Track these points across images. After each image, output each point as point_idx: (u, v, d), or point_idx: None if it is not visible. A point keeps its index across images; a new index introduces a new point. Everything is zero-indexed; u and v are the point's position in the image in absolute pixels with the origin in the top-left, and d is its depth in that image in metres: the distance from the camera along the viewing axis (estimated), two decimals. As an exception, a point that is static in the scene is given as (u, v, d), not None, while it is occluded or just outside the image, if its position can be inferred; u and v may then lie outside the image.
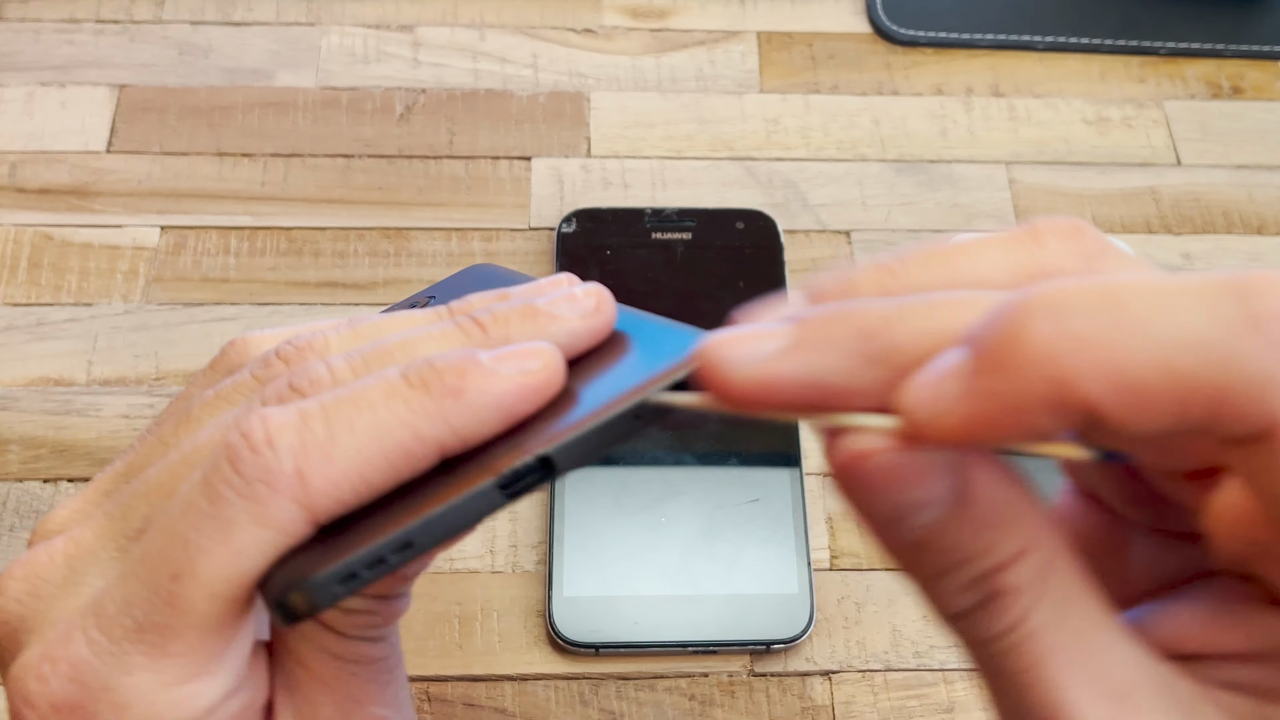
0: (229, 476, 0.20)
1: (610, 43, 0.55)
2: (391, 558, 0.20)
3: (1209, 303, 0.15)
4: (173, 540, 0.21)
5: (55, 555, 0.23)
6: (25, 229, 0.49)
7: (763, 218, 0.50)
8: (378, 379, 0.22)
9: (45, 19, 0.55)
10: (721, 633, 0.41)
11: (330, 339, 0.24)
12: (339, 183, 0.51)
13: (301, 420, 0.21)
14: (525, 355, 0.22)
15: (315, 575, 0.20)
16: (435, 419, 0.21)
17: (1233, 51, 0.56)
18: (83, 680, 0.21)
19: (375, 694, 0.24)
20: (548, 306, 0.24)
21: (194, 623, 0.21)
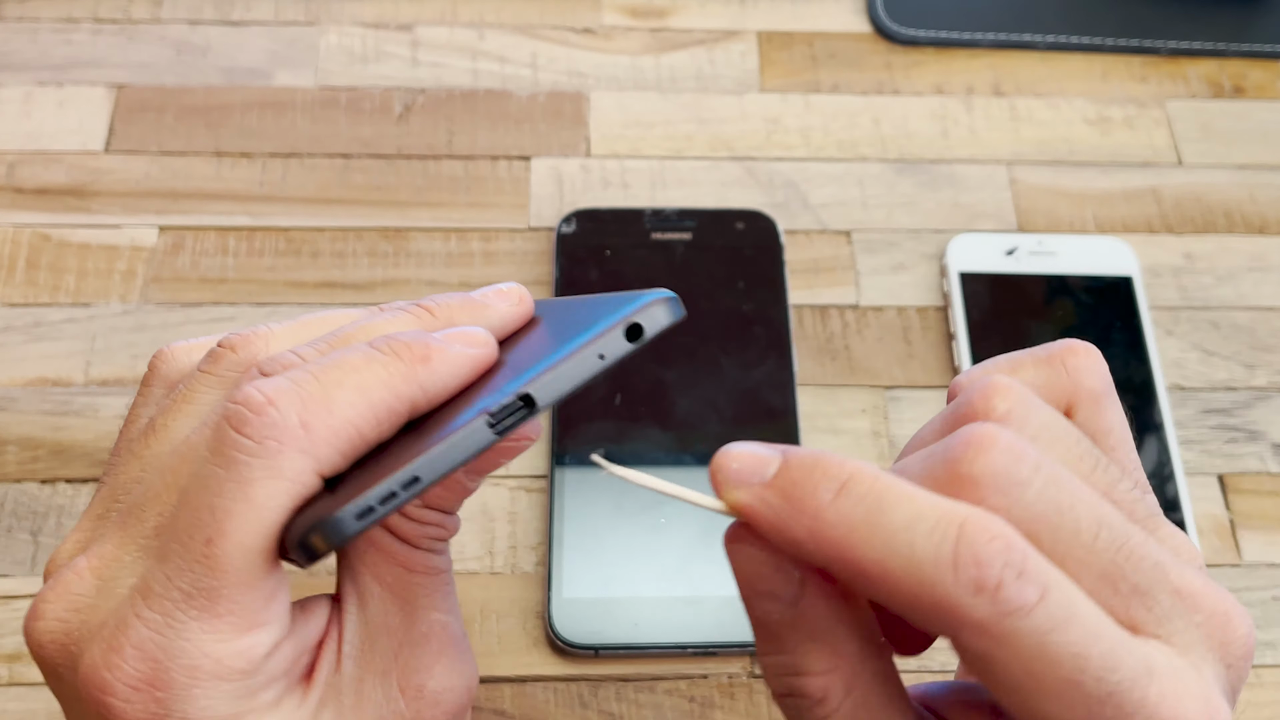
0: (238, 440, 0.23)
1: (610, 42, 0.55)
2: (401, 492, 0.23)
3: (935, 537, 0.20)
4: (199, 511, 0.23)
5: (82, 572, 0.25)
6: (23, 229, 0.49)
7: (763, 218, 0.49)
8: (352, 350, 0.25)
9: (43, 18, 0.55)
10: (721, 634, 0.40)
11: (274, 330, 0.27)
12: (337, 183, 0.51)
13: (294, 383, 0.23)
14: (470, 335, 0.26)
15: (335, 513, 0.22)
16: (410, 380, 0.24)
17: (1234, 51, 0.56)
18: (151, 656, 0.23)
19: (437, 601, 0.27)
20: (479, 298, 0.28)
21: (234, 579, 0.23)
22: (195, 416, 0.26)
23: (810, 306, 0.48)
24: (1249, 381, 0.47)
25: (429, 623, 0.27)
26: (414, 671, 0.27)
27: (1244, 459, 0.46)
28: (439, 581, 0.28)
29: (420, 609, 0.27)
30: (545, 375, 0.24)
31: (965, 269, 0.48)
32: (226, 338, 0.27)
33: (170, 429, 0.26)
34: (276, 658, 0.24)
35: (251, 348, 0.27)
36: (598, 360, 0.25)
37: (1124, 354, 0.47)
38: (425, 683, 0.27)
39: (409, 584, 0.27)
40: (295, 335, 0.27)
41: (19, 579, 0.42)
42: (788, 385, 0.46)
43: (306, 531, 0.22)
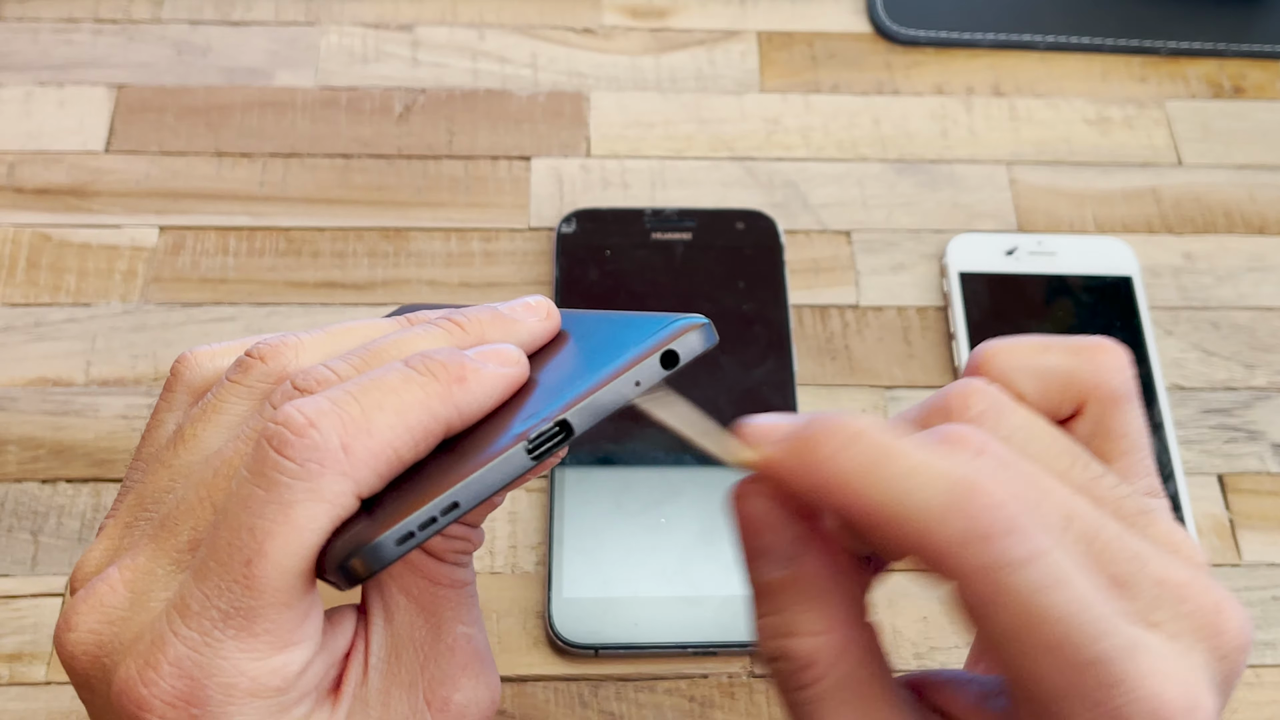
0: (279, 462, 0.23)
1: (610, 42, 0.55)
2: (441, 518, 0.23)
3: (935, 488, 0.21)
4: (238, 532, 0.23)
5: (115, 584, 0.25)
6: (23, 229, 0.49)
7: (763, 218, 0.49)
8: (389, 369, 0.25)
9: (43, 18, 0.55)
10: (721, 634, 0.41)
11: (303, 339, 0.27)
12: (338, 183, 0.51)
13: (334, 404, 0.23)
14: (503, 353, 0.26)
15: (376, 539, 0.22)
16: (446, 401, 0.24)
17: (1234, 51, 0.56)
18: (188, 674, 0.23)
19: (462, 614, 0.28)
20: (509, 313, 0.28)
21: (272, 600, 0.23)
22: (225, 427, 0.26)
23: (810, 306, 0.48)
24: (1249, 381, 0.47)
25: (454, 636, 0.27)
26: (440, 684, 0.27)
27: (1244, 459, 0.46)
28: (464, 594, 0.28)
29: (446, 622, 0.27)
30: (582, 401, 0.24)
31: (965, 269, 0.48)
32: (256, 346, 0.27)
33: (200, 439, 0.26)
34: (309, 673, 0.24)
35: (281, 359, 0.27)
36: (634, 387, 0.25)
37: (1124, 354, 0.47)
38: (451, 695, 0.27)
39: (435, 597, 0.27)
40: (325, 347, 0.27)
41: (19, 579, 0.42)
42: (788, 385, 0.46)
43: (347, 556, 0.23)
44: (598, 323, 0.28)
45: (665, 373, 0.25)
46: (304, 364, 0.27)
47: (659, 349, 0.25)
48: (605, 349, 0.26)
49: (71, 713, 0.39)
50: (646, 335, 0.25)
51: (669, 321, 0.26)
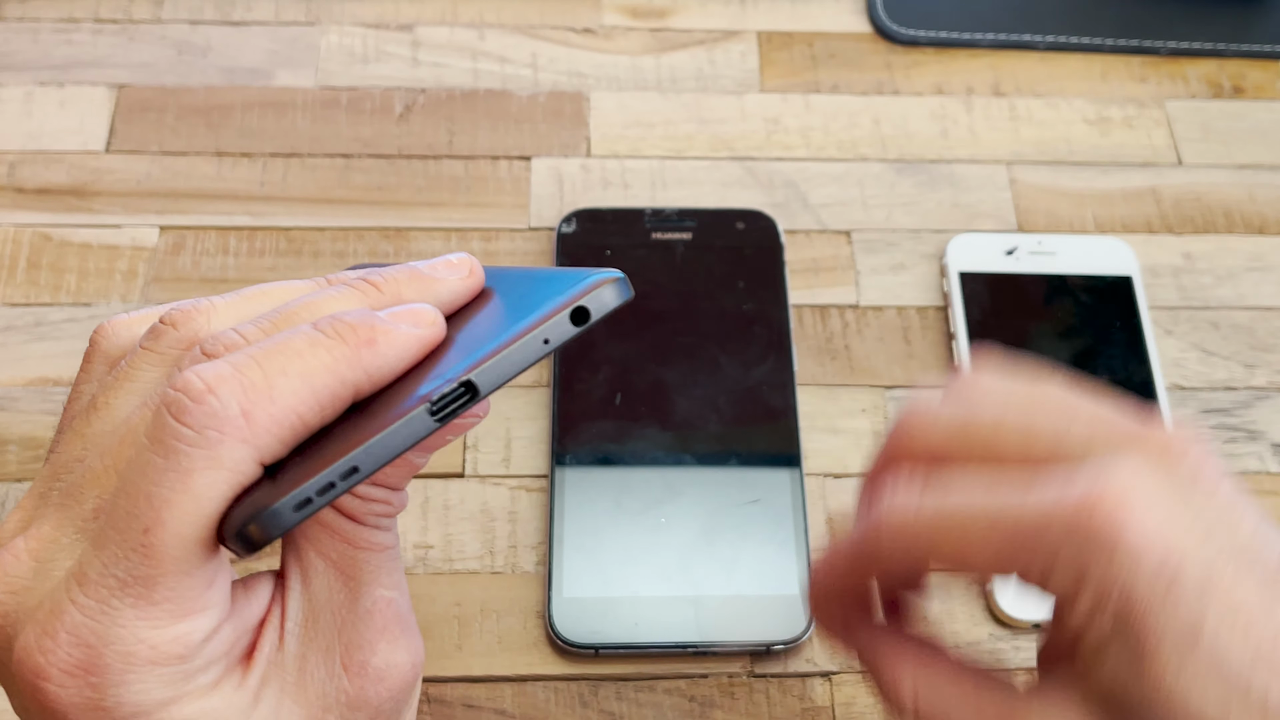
0: (177, 429, 0.22)
1: (610, 42, 0.55)
2: (340, 483, 0.23)
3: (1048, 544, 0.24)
4: (136, 499, 0.23)
5: (19, 553, 0.24)
6: (24, 229, 0.49)
7: (763, 218, 0.49)
8: (295, 333, 0.24)
9: (44, 18, 0.55)
10: (721, 634, 0.41)
11: (216, 304, 0.27)
12: (338, 182, 0.51)
13: (235, 369, 0.23)
14: (417, 313, 0.26)
15: (273, 505, 0.22)
16: (354, 364, 0.24)
17: (1234, 51, 0.56)
18: (85, 642, 0.23)
19: (382, 577, 0.27)
20: (429, 271, 0.27)
21: (171, 568, 0.23)
22: (137, 394, 0.26)
23: (810, 306, 0.48)
24: (1248, 381, 0.47)
25: (373, 599, 0.27)
26: (357, 648, 0.26)
27: (1244, 459, 0.46)
28: (385, 558, 0.27)
29: (365, 585, 0.27)
30: (488, 362, 0.24)
31: (965, 269, 0.48)
32: (168, 313, 0.26)
33: (112, 407, 0.26)
34: (215, 641, 0.24)
35: (193, 324, 0.26)
36: (542, 345, 0.24)
37: (1123, 354, 0.47)
38: (369, 659, 0.26)
39: (354, 560, 0.27)
40: (237, 310, 0.27)
41: (20, 578, 0.42)
42: (788, 385, 0.46)
43: (244, 522, 0.22)
44: (521, 279, 0.28)
45: (576, 330, 0.24)
46: (215, 328, 0.26)
47: (569, 305, 0.24)
48: (520, 306, 0.25)
49: (72, 712, 0.39)
50: (559, 291, 0.25)
51: (582, 277, 0.25)
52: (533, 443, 0.45)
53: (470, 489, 0.44)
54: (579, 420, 0.44)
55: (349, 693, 0.26)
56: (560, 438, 0.44)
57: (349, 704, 0.26)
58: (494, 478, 0.44)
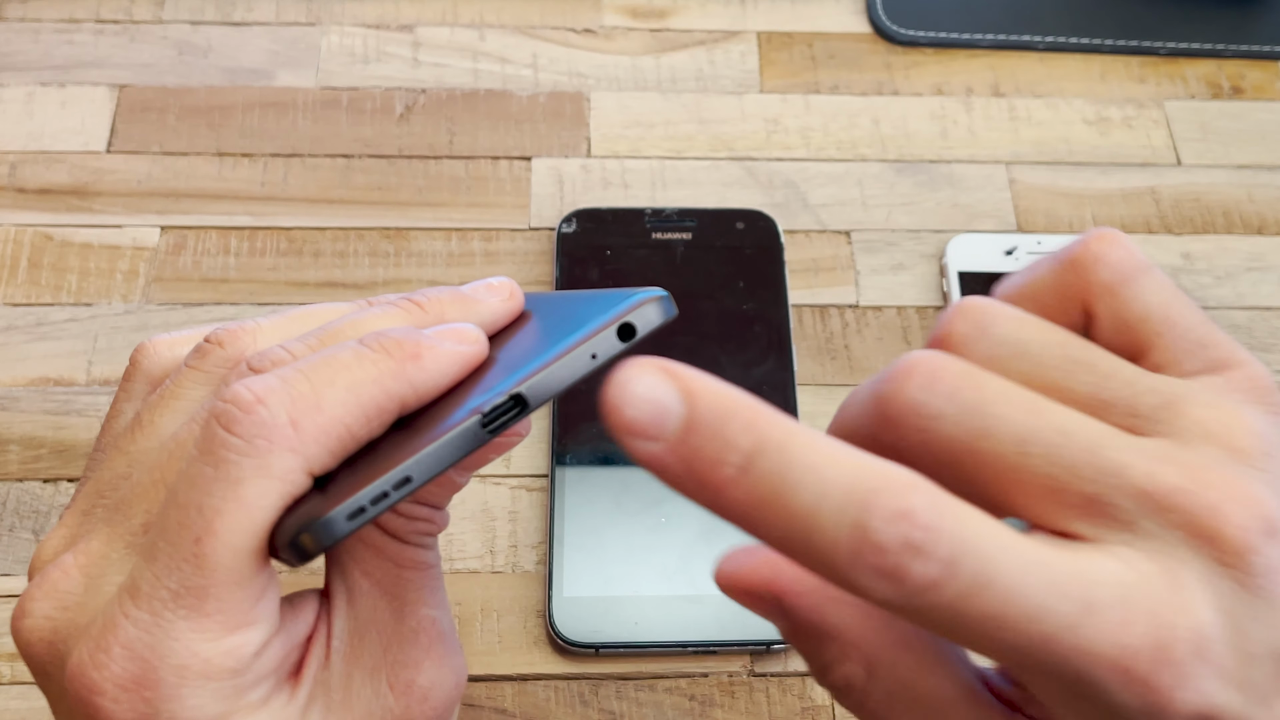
0: (227, 440, 0.22)
1: (610, 43, 0.55)
2: (393, 492, 0.23)
3: (837, 520, 0.19)
4: (188, 511, 0.23)
5: (69, 569, 0.24)
6: (25, 229, 0.49)
7: (763, 218, 0.50)
8: (342, 347, 0.24)
9: (45, 19, 0.55)
10: (721, 633, 0.41)
11: (262, 324, 0.27)
12: (339, 183, 0.51)
13: (283, 381, 0.23)
14: (460, 331, 0.26)
15: (327, 514, 0.22)
16: (399, 378, 0.24)
17: (1233, 52, 0.56)
18: (139, 655, 0.23)
19: (425, 596, 0.27)
20: (470, 293, 0.28)
21: (223, 579, 0.23)
22: (182, 413, 0.26)
23: (810, 306, 0.49)
24: (1247, 381, 0.48)
25: (418, 618, 0.27)
26: (403, 667, 0.26)
27: (1242, 458, 0.46)
28: (428, 577, 0.27)
29: (409, 604, 0.27)
30: (537, 375, 0.24)
31: (965, 269, 0.48)
32: (214, 333, 0.27)
33: (157, 425, 0.26)
34: (265, 656, 0.24)
35: (239, 343, 0.27)
36: (590, 360, 0.25)
37: (1123, 353, 0.47)
38: (414, 678, 0.26)
39: (398, 579, 0.27)
40: (283, 330, 0.27)
41: (21, 578, 0.42)
42: (788, 385, 0.46)
43: (297, 532, 0.22)
44: (561, 301, 0.28)
45: (622, 345, 0.25)
46: (261, 348, 0.26)
47: (616, 321, 0.25)
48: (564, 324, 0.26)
49: (73, 711, 0.39)
50: (605, 309, 0.25)
51: (627, 295, 0.26)
52: (533, 443, 0.45)
53: (471, 488, 0.44)
54: (579, 420, 0.45)
55: (394, 711, 0.26)
56: (560, 437, 0.44)
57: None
58: (494, 477, 0.44)
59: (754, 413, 0.19)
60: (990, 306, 0.22)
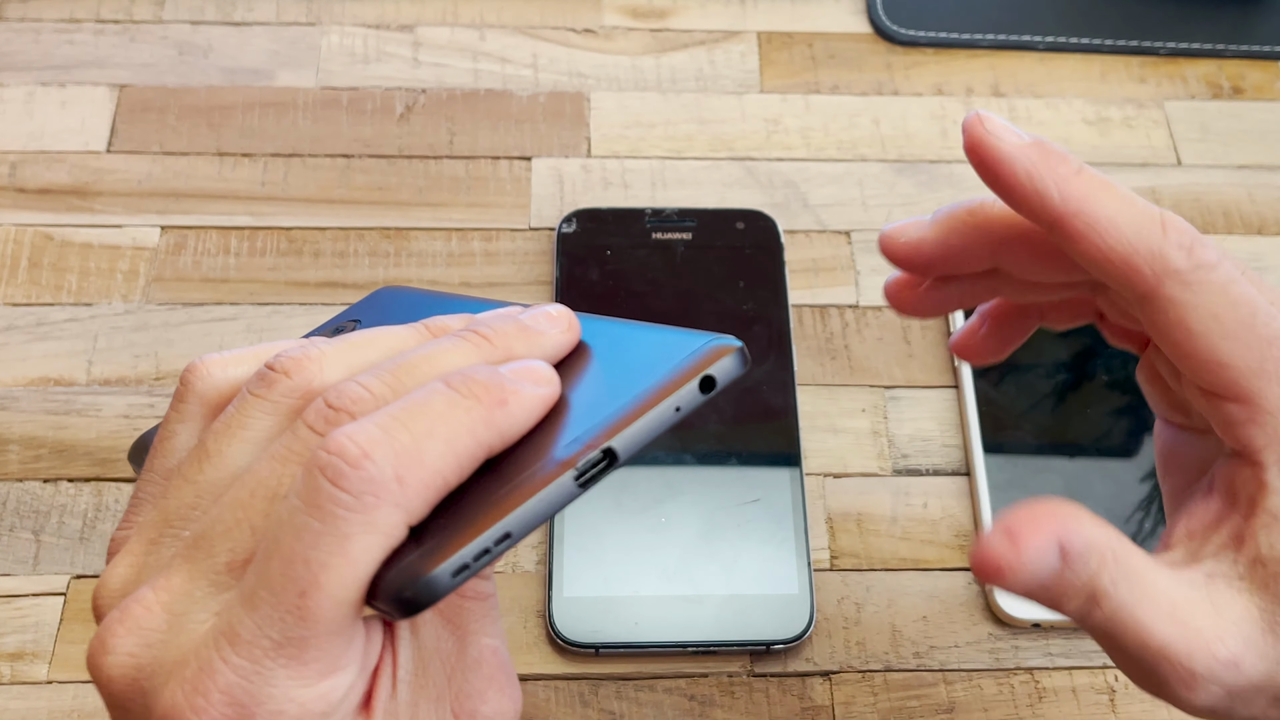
0: (335, 494, 0.23)
1: (610, 43, 0.55)
2: (494, 548, 0.23)
3: (1148, 208, 0.27)
4: (293, 563, 0.23)
5: (151, 605, 0.25)
6: (25, 229, 0.49)
7: (763, 218, 0.50)
8: (432, 392, 0.24)
9: (45, 19, 0.55)
10: (721, 633, 0.41)
11: (326, 351, 0.27)
12: (339, 183, 0.51)
13: (385, 433, 0.23)
14: (536, 372, 0.26)
15: (432, 572, 0.22)
16: (490, 426, 0.24)
17: (1233, 52, 0.56)
18: (238, 701, 0.23)
19: (487, 626, 0.28)
20: (531, 324, 0.28)
21: (325, 630, 0.23)
22: (252, 443, 0.26)
23: (810, 306, 0.49)
24: (1247, 381, 0.48)
25: (480, 648, 0.27)
26: (467, 697, 0.27)
27: (1242, 458, 0.46)
28: (487, 606, 0.28)
29: (471, 634, 0.27)
30: (627, 429, 0.24)
31: (965, 269, 0.48)
32: (277, 359, 0.26)
33: (226, 455, 0.26)
34: (351, 695, 0.25)
35: (305, 373, 0.26)
36: (674, 413, 0.25)
37: (1123, 353, 0.47)
38: (479, 708, 0.27)
39: (460, 610, 0.27)
40: (348, 358, 0.27)
41: (21, 578, 0.42)
42: (788, 385, 0.46)
43: (402, 588, 0.23)
44: (619, 334, 0.28)
45: (703, 398, 0.25)
46: (329, 378, 0.26)
47: (697, 373, 0.25)
48: (637, 368, 0.26)
49: (73, 712, 0.39)
50: (680, 355, 0.25)
51: (704, 343, 0.25)
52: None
53: (471, 488, 0.44)
54: (579, 420, 0.44)
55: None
56: (560, 437, 0.44)
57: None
58: (494, 477, 0.44)
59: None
60: None
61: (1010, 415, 0.45)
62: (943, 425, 0.46)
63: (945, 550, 0.43)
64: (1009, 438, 0.45)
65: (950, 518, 0.44)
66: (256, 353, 0.28)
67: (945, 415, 0.46)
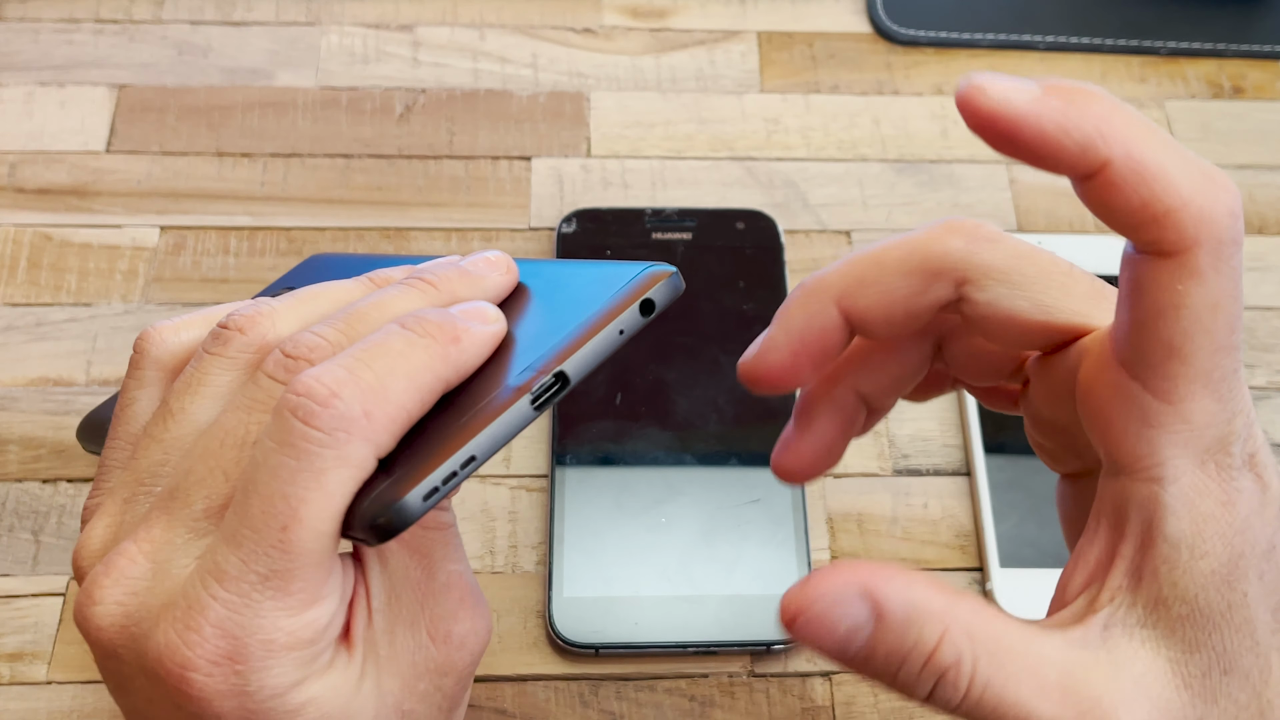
0: (307, 432, 0.24)
1: (610, 42, 0.55)
2: (461, 471, 0.24)
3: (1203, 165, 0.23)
4: (272, 500, 0.24)
5: (134, 556, 0.26)
6: (24, 229, 0.49)
7: (763, 218, 0.50)
8: (389, 334, 0.26)
9: (44, 19, 0.55)
10: (721, 633, 0.41)
11: (276, 307, 0.28)
12: (339, 183, 0.51)
13: (350, 373, 0.25)
14: (484, 312, 0.28)
15: (404, 497, 0.24)
16: (447, 361, 0.26)
17: (1234, 51, 0.56)
18: (230, 634, 0.24)
19: (450, 553, 0.29)
20: (472, 269, 0.29)
21: (306, 561, 0.24)
22: (213, 399, 0.27)
23: (810, 306, 0.48)
24: (1249, 381, 0.47)
25: (447, 573, 0.29)
26: (441, 619, 0.28)
27: (1243, 458, 0.46)
28: (449, 535, 0.29)
29: (437, 561, 0.28)
30: (576, 353, 0.25)
31: (965, 269, 0.48)
32: (230, 318, 0.28)
33: (188, 411, 0.27)
34: (333, 624, 0.26)
35: (259, 328, 0.28)
36: (618, 336, 0.26)
37: (1123, 354, 0.47)
38: (453, 628, 0.28)
39: (424, 540, 0.28)
40: (298, 312, 0.28)
41: (20, 578, 0.42)
42: (788, 385, 0.46)
43: (376, 515, 0.24)
44: (558, 272, 0.29)
45: (644, 320, 0.26)
46: (282, 331, 0.28)
47: (637, 297, 0.26)
48: (575, 299, 0.27)
49: (72, 712, 0.39)
50: (620, 284, 0.26)
51: (639, 270, 0.27)
52: (533, 442, 0.45)
53: (470, 489, 0.44)
54: (579, 420, 0.44)
55: (436, 660, 0.28)
56: (560, 437, 0.44)
57: (437, 670, 0.28)
58: (494, 477, 0.44)
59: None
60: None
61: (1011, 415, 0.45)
62: (943, 425, 0.46)
63: (946, 550, 0.43)
64: (1009, 438, 0.45)
65: (951, 518, 0.44)
66: (206, 316, 0.29)
67: (946, 415, 0.46)
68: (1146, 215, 0.22)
